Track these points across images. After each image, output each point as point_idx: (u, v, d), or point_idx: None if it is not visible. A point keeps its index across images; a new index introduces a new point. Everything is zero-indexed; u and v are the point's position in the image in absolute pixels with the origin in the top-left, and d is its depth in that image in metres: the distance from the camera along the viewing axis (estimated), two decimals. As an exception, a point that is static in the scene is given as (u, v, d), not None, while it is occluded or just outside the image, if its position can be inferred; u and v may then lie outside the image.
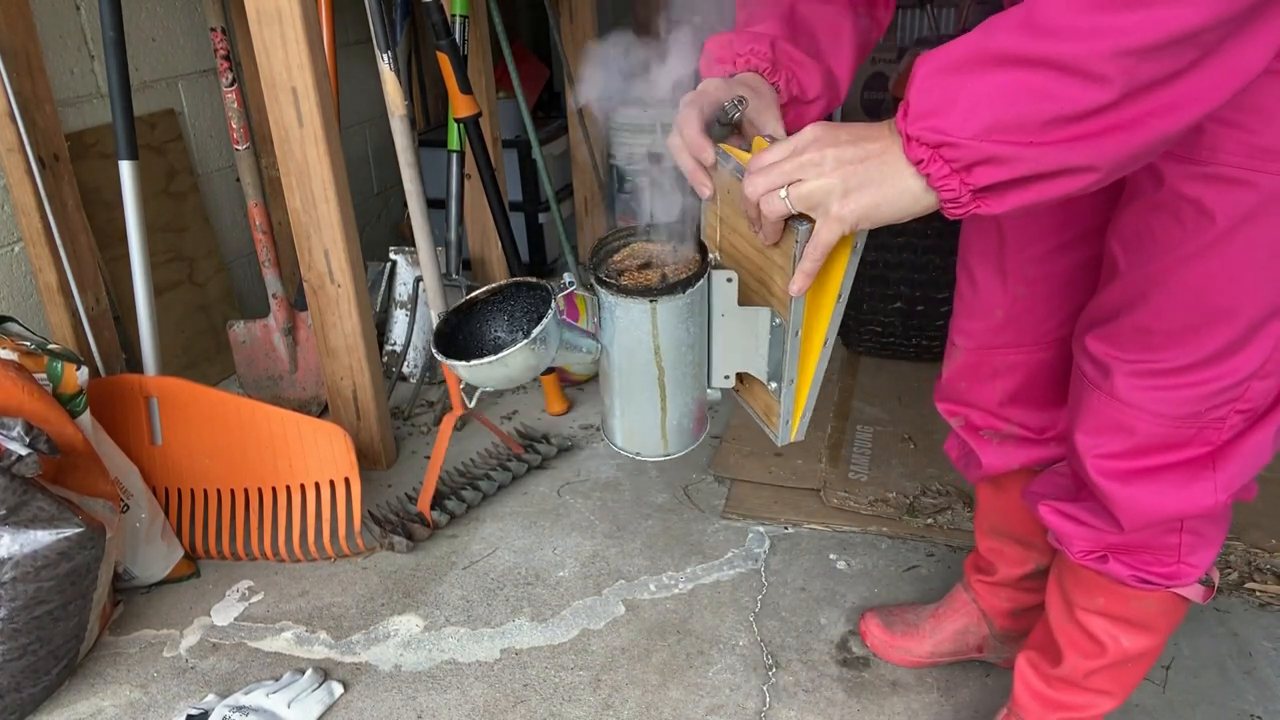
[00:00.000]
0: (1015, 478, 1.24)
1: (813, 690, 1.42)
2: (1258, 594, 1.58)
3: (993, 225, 1.09)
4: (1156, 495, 0.94)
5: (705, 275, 0.85)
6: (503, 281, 0.90)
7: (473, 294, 0.89)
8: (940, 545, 1.74)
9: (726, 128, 0.88)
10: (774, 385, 0.90)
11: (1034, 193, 0.67)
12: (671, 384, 0.89)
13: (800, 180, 0.72)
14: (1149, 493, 0.94)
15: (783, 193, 0.73)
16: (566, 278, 0.90)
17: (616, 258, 0.91)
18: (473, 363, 0.80)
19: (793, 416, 0.91)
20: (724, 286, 0.87)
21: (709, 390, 0.94)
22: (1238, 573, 1.62)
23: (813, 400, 0.90)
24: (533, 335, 0.79)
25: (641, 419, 0.92)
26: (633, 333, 0.86)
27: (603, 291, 0.85)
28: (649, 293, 0.82)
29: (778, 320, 0.86)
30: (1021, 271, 1.08)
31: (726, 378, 0.93)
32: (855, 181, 0.70)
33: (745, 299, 0.88)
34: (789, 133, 0.85)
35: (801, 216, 0.75)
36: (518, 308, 0.90)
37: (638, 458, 0.96)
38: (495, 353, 0.80)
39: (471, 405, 0.87)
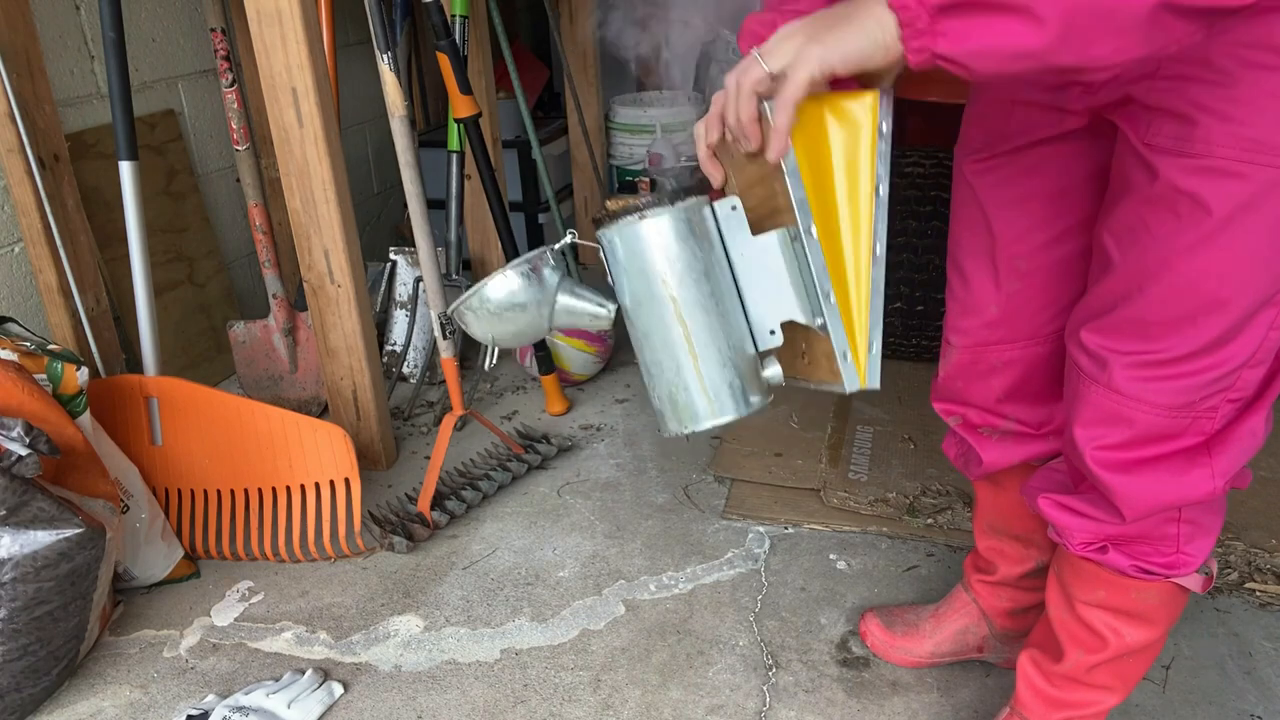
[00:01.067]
0: (1014, 475, 1.24)
1: (813, 690, 1.42)
2: (1258, 594, 1.58)
3: (981, 221, 1.10)
4: (1156, 484, 0.95)
5: (703, 199, 0.83)
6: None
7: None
8: (940, 545, 1.74)
9: None
10: (819, 321, 0.83)
11: (993, 30, 0.66)
12: (692, 317, 0.82)
13: (770, 48, 0.75)
14: (1149, 482, 0.95)
15: (755, 54, 0.75)
16: (569, 234, 0.87)
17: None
18: (467, 295, 0.79)
19: (849, 348, 0.82)
20: (731, 217, 0.83)
21: (768, 369, 0.87)
22: (1238, 573, 1.62)
23: (876, 330, 0.82)
24: (521, 260, 0.78)
25: (675, 372, 0.84)
26: (636, 263, 0.82)
27: (600, 234, 0.83)
28: (636, 209, 0.80)
29: (793, 231, 0.81)
30: (1013, 267, 1.09)
31: (772, 333, 0.86)
32: (822, 29, 0.73)
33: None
34: None
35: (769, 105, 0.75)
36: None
37: (695, 432, 0.85)
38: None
39: (488, 365, 0.86)
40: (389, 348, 2.44)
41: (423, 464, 2.05)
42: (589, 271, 3.11)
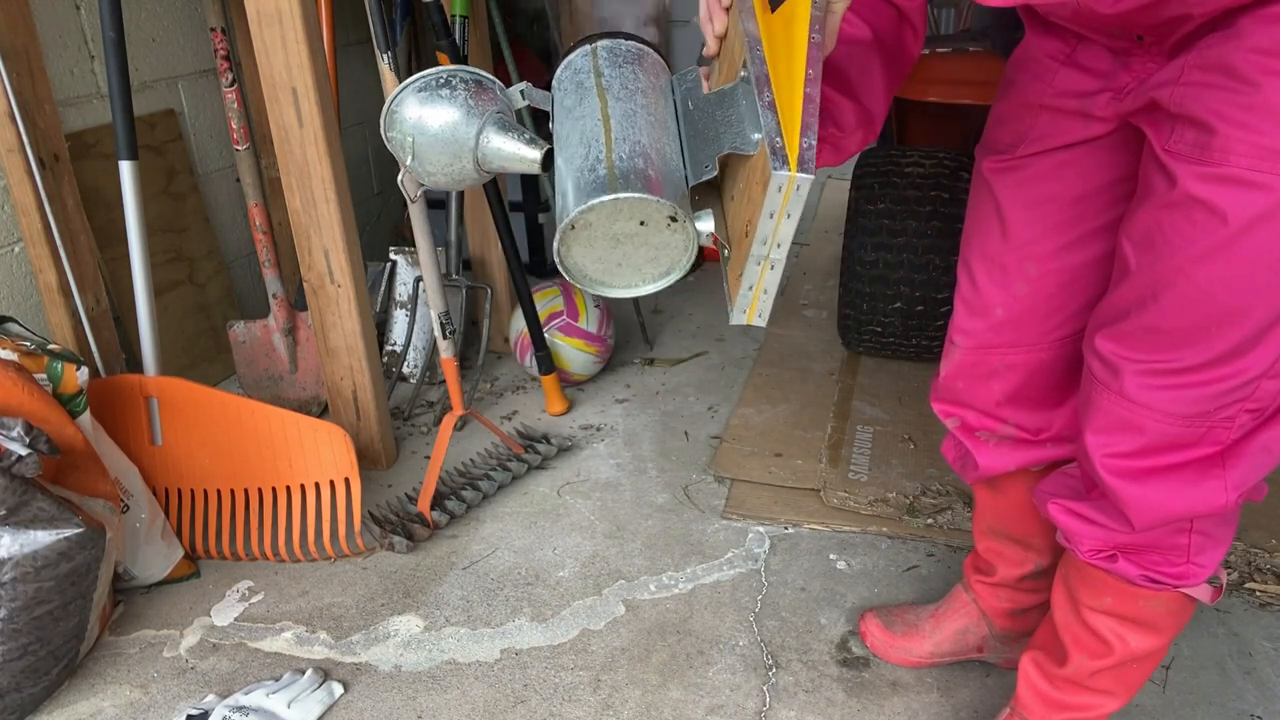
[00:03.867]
0: (1013, 479, 1.24)
1: (813, 690, 1.42)
2: (1258, 594, 1.58)
3: (996, 222, 1.09)
4: (1167, 494, 0.94)
5: (659, 51, 0.82)
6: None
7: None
8: (940, 545, 1.74)
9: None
10: (756, 136, 0.74)
11: None
12: (616, 112, 0.76)
13: None
14: (1160, 492, 0.95)
15: None
16: (524, 86, 0.83)
17: None
18: (414, 79, 0.79)
19: (784, 142, 0.71)
20: (688, 77, 0.82)
21: (702, 223, 0.77)
22: (1238, 573, 1.62)
23: (810, 128, 0.71)
24: (429, 71, 0.78)
25: (584, 157, 0.75)
26: (574, 78, 0.79)
27: (556, 75, 0.82)
28: (590, 38, 0.80)
29: (744, 72, 0.76)
30: (1023, 270, 1.08)
31: (707, 167, 0.78)
32: None
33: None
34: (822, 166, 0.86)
35: None
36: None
37: (587, 215, 0.73)
38: None
39: (414, 198, 0.83)
40: (389, 348, 2.44)
41: (423, 464, 2.05)
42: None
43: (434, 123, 0.82)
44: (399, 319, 2.44)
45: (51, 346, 1.50)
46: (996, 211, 1.09)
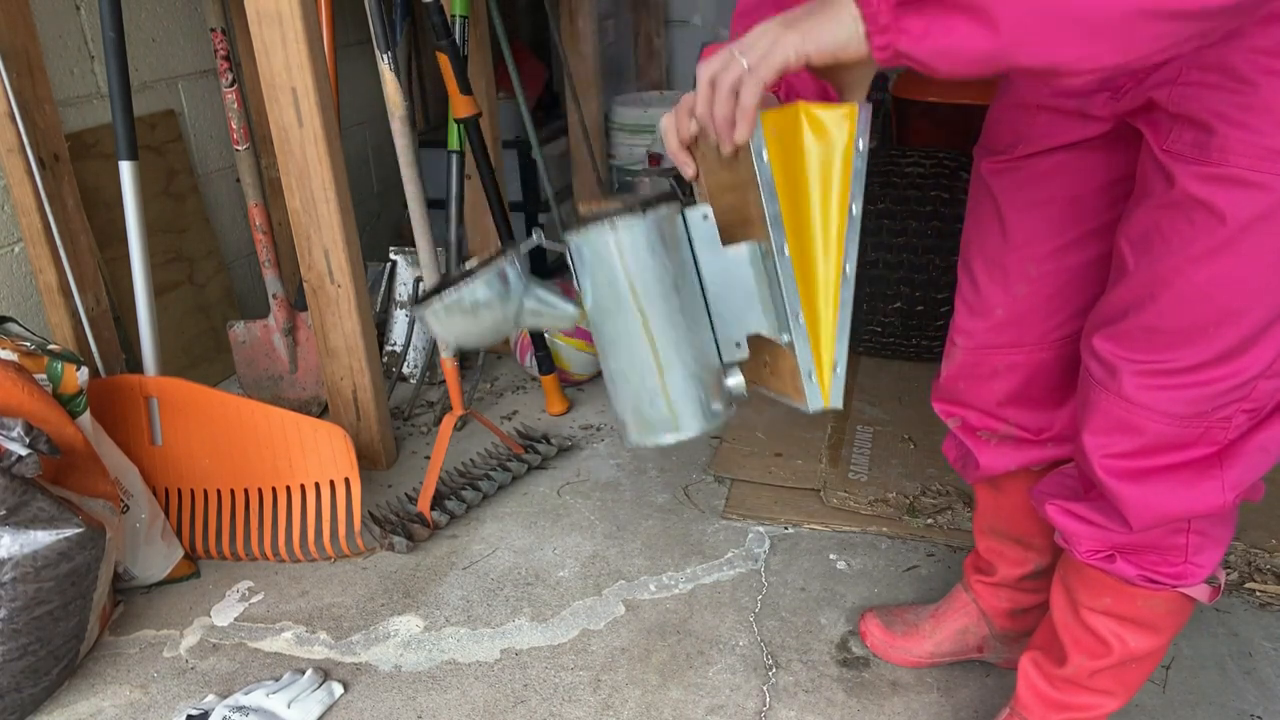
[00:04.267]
0: (1014, 479, 1.24)
1: (813, 690, 1.42)
2: (1258, 594, 1.58)
3: (996, 223, 1.09)
4: (1165, 495, 0.94)
5: (673, 201, 0.80)
6: (477, 259, 0.87)
7: (447, 274, 0.88)
8: (940, 545, 1.74)
9: None
10: (785, 338, 0.81)
11: (951, 32, 0.66)
12: (661, 335, 0.80)
13: (746, 44, 0.74)
14: (1158, 492, 0.94)
15: (735, 52, 0.74)
16: (534, 233, 0.86)
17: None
18: (439, 297, 0.78)
19: (815, 368, 0.80)
20: (702, 226, 0.81)
21: (731, 379, 0.85)
22: (1238, 573, 1.62)
23: (842, 350, 0.80)
24: (489, 268, 0.77)
25: (640, 384, 0.82)
26: (605, 272, 0.79)
27: (568, 237, 0.81)
28: (606, 215, 0.78)
29: (762, 247, 0.79)
30: (1023, 271, 1.08)
31: (738, 345, 0.84)
32: (797, 20, 0.73)
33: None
34: None
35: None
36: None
37: (656, 444, 0.83)
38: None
39: (446, 354, 0.83)
40: (389, 348, 2.44)
41: (423, 464, 2.05)
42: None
43: (473, 329, 0.83)
44: (399, 319, 2.44)
45: (51, 346, 1.50)
46: (996, 212, 1.09)
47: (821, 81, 0.90)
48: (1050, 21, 0.64)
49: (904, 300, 2.25)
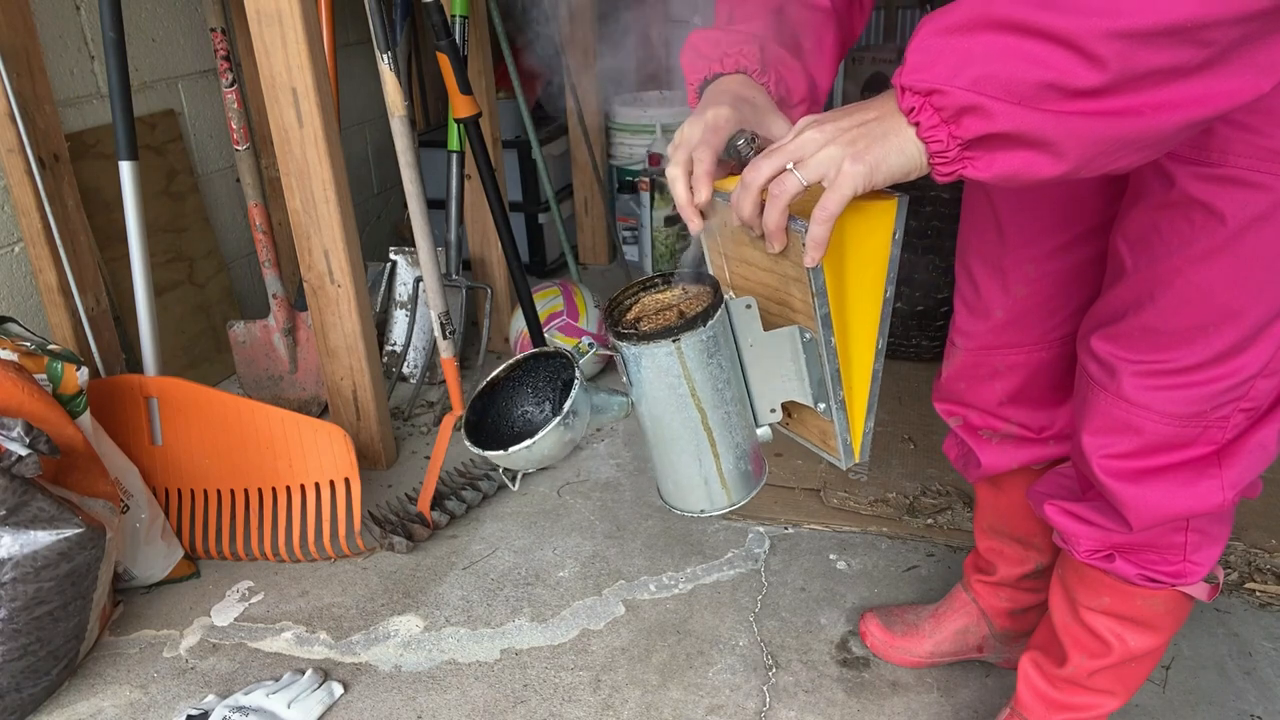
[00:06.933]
0: (1014, 477, 1.24)
1: (813, 690, 1.42)
2: (1258, 594, 1.58)
3: (992, 225, 1.09)
4: (1164, 494, 0.94)
5: (723, 303, 0.82)
6: (520, 355, 0.88)
7: (493, 374, 0.87)
8: (940, 545, 1.74)
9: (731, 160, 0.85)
10: (822, 406, 0.85)
11: (1017, 160, 0.66)
12: (717, 425, 0.84)
13: (804, 156, 0.72)
14: (1157, 492, 0.95)
15: (790, 165, 0.72)
16: (585, 341, 0.87)
17: (631, 314, 0.88)
18: (510, 451, 0.79)
19: (850, 435, 0.86)
20: (744, 314, 0.84)
21: (758, 430, 0.89)
22: (1238, 573, 1.62)
23: (872, 414, 0.86)
24: (564, 411, 0.78)
25: (696, 470, 0.87)
26: (664, 379, 0.82)
27: (625, 345, 0.82)
28: (670, 332, 0.80)
29: (808, 335, 0.82)
30: (1021, 271, 1.08)
31: (773, 411, 0.88)
32: (859, 145, 0.70)
33: (770, 326, 0.85)
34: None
35: (794, 218, 0.74)
36: (540, 378, 0.88)
37: (703, 515, 0.90)
38: (526, 434, 0.78)
39: (515, 486, 0.85)
40: (389, 348, 2.44)
41: (423, 464, 2.05)
42: (588, 272, 3.11)
43: (550, 451, 0.83)
44: (399, 319, 2.44)
45: (51, 346, 1.50)
46: (992, 214, 1.09)
47: (810, 74, 0.91)
48: (1113, 147, 0.66)
49: (904, 300, 2.25)
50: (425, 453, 2.10)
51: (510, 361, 0.87)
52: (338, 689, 1.45)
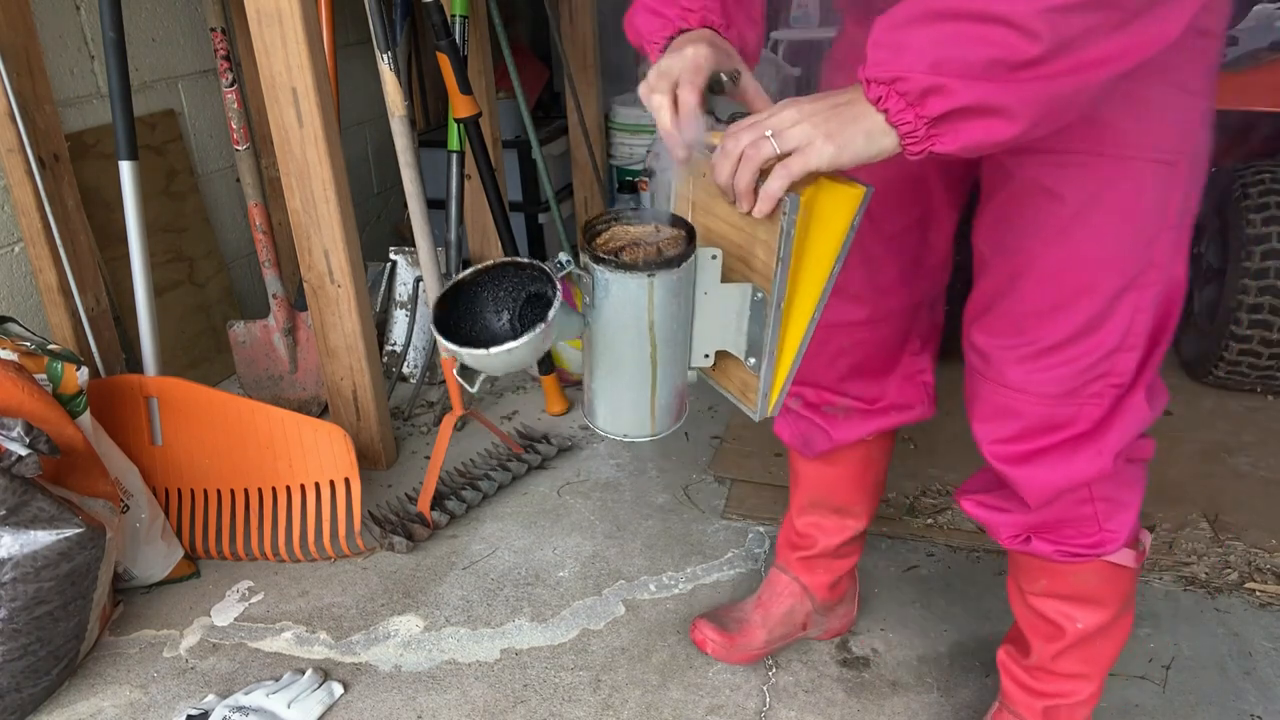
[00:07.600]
0: (850, 450, 1.30)
1: (813, 690, 1.42)
2: (1258, 594, 1.58)
3: None
4: (1049, 470, 1.00)
5: (693, 250, 0.86)
6: (491, 262, 0.88)
7: (459, 276, 0.88)
8: (940, 545, 1.74)
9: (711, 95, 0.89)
10: (752, 361, 0.91)
11: (978, 129, 0.73)
12: (663, 361, 0.89)
13: (781, 129, 0.78)
14: (1042, 470, 1.00)
15: (768, 132, 0.78)
16: (562, 257, 0.87)
17: (600, 240, 0.90)
18: (491, 351, 0.80)
19: (771, 390, 0.92)
20: (709, 264, 0.88)
21: (689, 372, 0.94)
22: (1238, 573, 1.62)
23: (792, 375, 0.92)
24: (549, 320, 0.80)
25: (631, 398, 0.92)
26: (630, 309, 0.85)
27: (600, 269, 0.85)
28: (648, 266, 0.83)
29: (760, 294, 0.87)
30: (880, 248, 1.12)
31: (706, 356, 0.94)
32: (830, 125, 0.77)
33: (726, 279, 0.90)
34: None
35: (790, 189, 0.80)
36: (503, 289, 0.89)
37: (624, 439, 0.95)
38: (495, 340, 0.80)
39: (474, 389, 0.85)
40: (389, 348, 2.44)
41: (423, 464, 2.05)
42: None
43: (520, 359, 0.85)
44: (399, 319, 2.44)
45: (51, 346, 1.50)
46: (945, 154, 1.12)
47: (757, 31, 0.97)
48: (1058, 104, 0.73)
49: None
50: (425, 453, 2.10)
51: (478, 266, 0.87)
52: (338, 689, 1.45)
